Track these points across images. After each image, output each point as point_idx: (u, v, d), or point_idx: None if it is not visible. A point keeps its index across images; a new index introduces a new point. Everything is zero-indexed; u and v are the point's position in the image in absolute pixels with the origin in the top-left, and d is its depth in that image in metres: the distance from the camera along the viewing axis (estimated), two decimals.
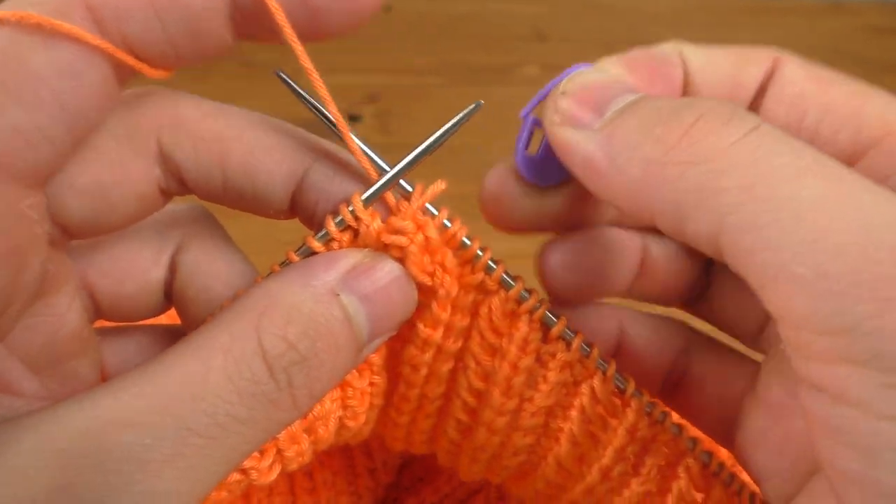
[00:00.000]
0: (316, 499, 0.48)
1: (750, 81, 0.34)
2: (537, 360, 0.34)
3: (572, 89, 0.31)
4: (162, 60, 0.30)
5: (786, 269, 0.23)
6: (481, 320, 0.34)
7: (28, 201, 0.29)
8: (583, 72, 0.32)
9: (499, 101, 0.43)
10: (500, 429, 0.36)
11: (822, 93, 0.33)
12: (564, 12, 1.15)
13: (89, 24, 0.28)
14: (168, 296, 0.35)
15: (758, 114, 0.33)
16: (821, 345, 0.23)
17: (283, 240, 0.37)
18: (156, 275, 0.35)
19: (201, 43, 0.30)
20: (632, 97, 0.29)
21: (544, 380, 0.34)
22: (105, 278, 0.34)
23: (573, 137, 0.29)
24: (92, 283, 0.34)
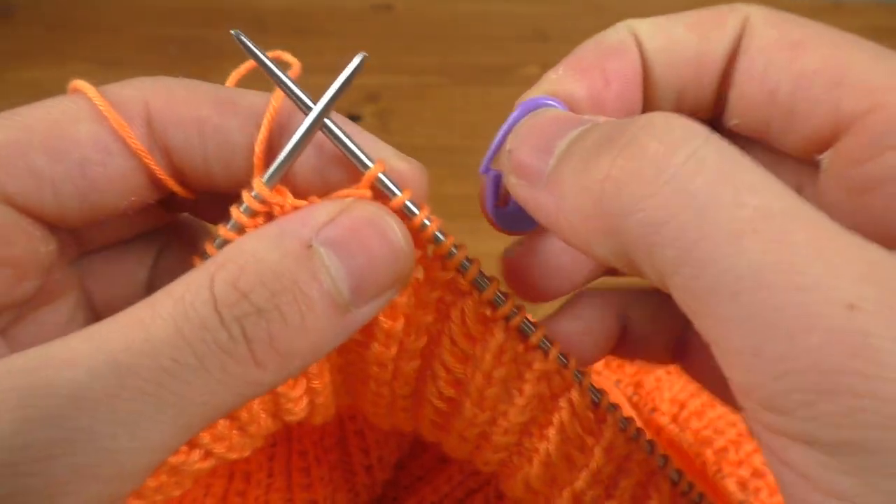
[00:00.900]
0: (313, 496, 0.48)
1: (716, 54, 0.31)
2: (514, 370, 0.32)
3: (517, 144, 0.29)
4: (195, 179, 0.32)
5: (724, 341, 0.22)
6: (453, 324, 0.32)
7: (32, 223, 0.31)
8: (524, 121, 0.30)
9: (499, 101, 0.43)
10: (472, 437, 0.35)
11: (793, 59, 0.29)
12: (565, 13, 1.15)
13: (142, 123, 0.31)
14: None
15: (730, 91, 0.31)
16: (763, 417, 0.22)
17: None
18: (141, 276, 0.36)
19: (232, 173, 0.32)
20: (574, 132, 0.27)
21: (520, 392, 0.32)
22: (96, 281, 0.35)
23: (528, 194, 0.28)
24: (87, 287, 0.35)
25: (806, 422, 0.21)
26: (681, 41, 0.31)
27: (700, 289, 0.22)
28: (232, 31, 0.30)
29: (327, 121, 0.30)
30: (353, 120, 0.31)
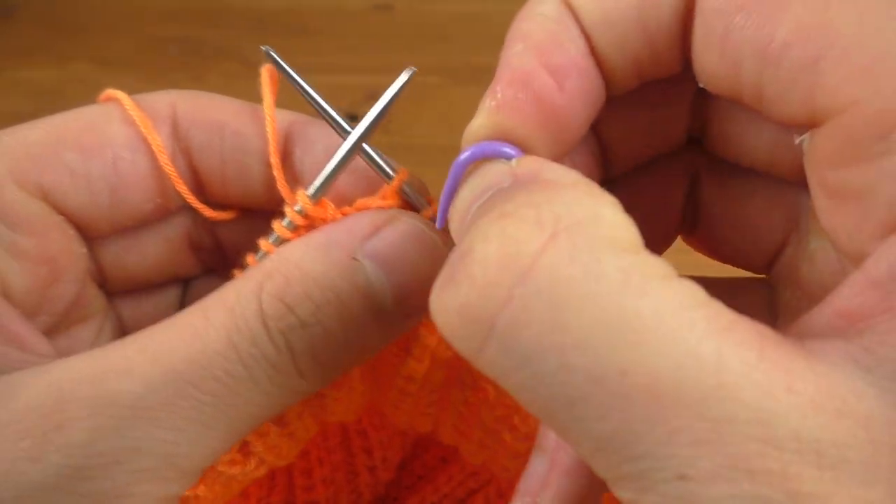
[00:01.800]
0: (315, 497, 0.48)
1: (663, 18, 0.25)
2: None
3: (451, 216, 0.26)
4: (211, 184, 0.33)
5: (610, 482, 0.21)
6: None
7: (66, 220, 0.32)
8: (461, 193, 0.26)
9: None
10: (491, 444, 0.36)
11: (760, 26, 0.23)
12: None
13: (168, 124, 0.32)
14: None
15: (691, 56, 0.26)
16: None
17: None
18: (173, 293, 0.37)
19: (246, 182, 0.33)
20: (472, 211, 0.25)
21: None
22: (127, 307, 0.36)
23: None
24: (118, 310, 0.36)
25: None
26: (618, 6, 0.26)
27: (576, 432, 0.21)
28: (263, 48, 0.32)
29: (365, 145, 0.31)
30: (353, 120, 0.32)
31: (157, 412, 0.25)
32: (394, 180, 0.30)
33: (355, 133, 0.30)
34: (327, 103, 0.31)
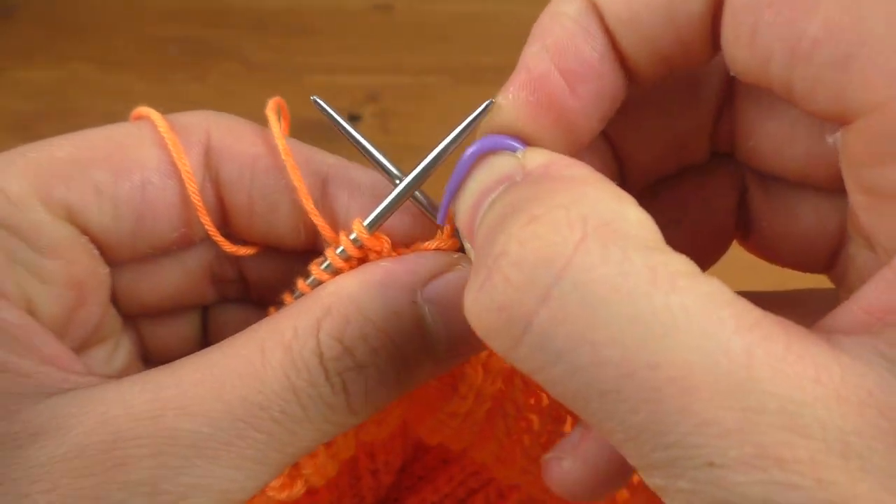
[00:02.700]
0: (318, 500, 0.48)
1: (692, 14, 0.25)
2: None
3: (458, 207, 0.28)
4: (236, 218, 0.33)
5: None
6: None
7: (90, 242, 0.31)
8: (469, 184, 0.27)
9: None
10: (533, 469, 0.37)
11: (789, 22, 0.23)
12: None
13: (201, 151, 0.32)
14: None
15: (721, 47, 0.25)
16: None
17: None
18: (194, 314, 0.37)
19: (272, 221, 0.32)
20: (485, 205, 0.26)
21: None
22: (147, 327, 0.36)
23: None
24: (139, 330, 0.36)
25: None
26: (647, 4, 0.26)
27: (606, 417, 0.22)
28: (312, 98, 0.31)
29: (418, 193, 0.30)
30: (353, 120, 0.31)
31: (217, 451, 0.25)
32: (448, 222, 0.30)
33: (420, 166, 0.29)
34: (375, 148, 0.30)
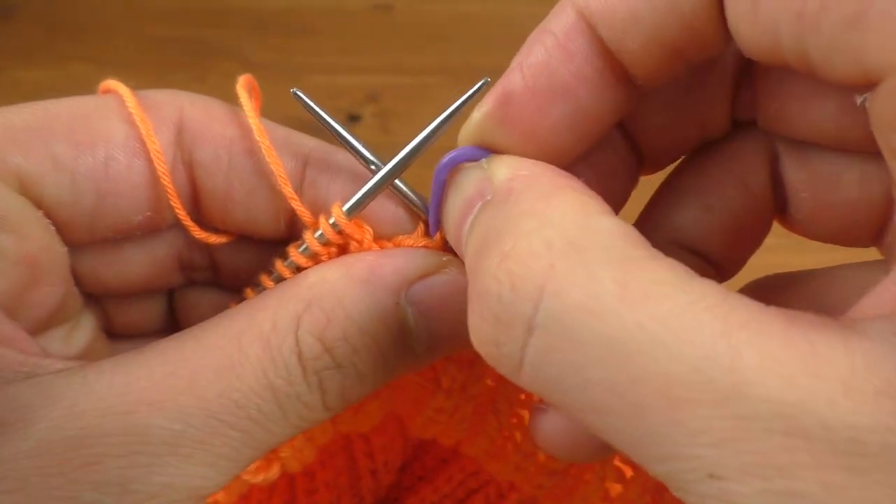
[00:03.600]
0: (317, 500, 0.48)
1: (696, 2, 0.24)
2: None
3: (444, 219, 0.28)
4: (210, 204, 0.31)
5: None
6: None
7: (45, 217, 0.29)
8: (452, 196, 0.28)
9: None
10: (527, 466, 0.37)
11: None
12: None
13: (172, 129, 0.30)
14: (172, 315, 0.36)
15: (732, 40, 0.25)
16: None
17: None
18: (160, 297, 0.36)
19: (249, 208, 0.30)
20: (468, 224, 0.26)
21: None
22: (113, 307, 0.35)
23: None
24: (105, 311, 0.35)
25: None
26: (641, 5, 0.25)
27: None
28: (292, 90, 0.30)
29: (398, 182, 0.30)
30: (353, 120, 0.31)
31: (191, 450, 0.25)
32: (439, 232, 0.30)
33: (403, 152, 0.29)
34: (356, 139, 0.30)
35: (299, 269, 0.29)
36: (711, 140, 0.31)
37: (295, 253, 0.29)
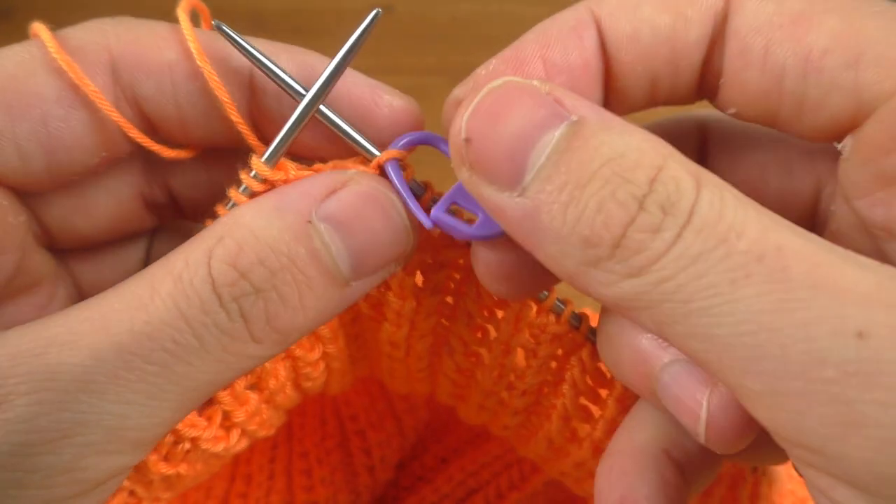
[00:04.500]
0: (314, 497, 0.48)
1: (695, 37, 0.26)
2: (529, 334, 0.33)
3: (479, 135, 0.24)
4: (169, 130, 0.30)
5: (742, 387, 0.21)
6: (468, 299, 0.33)
7: None
8: (486, 99, 0.24)
9: None
10: (490, 405, 0.37)
11: (799, 38, 0.25)
12: None
13: (106, 71, 0.29)
14: None
15: (722, 79, 0.27)
16: (801, 455, 0.21)
17: None
18: (135, 256, 0.35)
19: (210, 123, 0.30)
20: (551, 140, 0.23)
21: (534, 355, 0.33)
22: (85, 272, 0.34)
23: (498, 199, 0.24)
24: (76, 278, 0.34)
25: (839, 459, 0.20)
26: (650, 23, 0.26)
27: (705, 338, 0.21)
28: (214, 22, 0.30)
29: (323, 107, 0.29)
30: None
31: (102, 385, 0.24)
32: (378, 159, 0.29)
33: (313, 90, 0.29)
34: (280, 69, 0.29)
35: None
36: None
37: (235, 193, 0.29)
